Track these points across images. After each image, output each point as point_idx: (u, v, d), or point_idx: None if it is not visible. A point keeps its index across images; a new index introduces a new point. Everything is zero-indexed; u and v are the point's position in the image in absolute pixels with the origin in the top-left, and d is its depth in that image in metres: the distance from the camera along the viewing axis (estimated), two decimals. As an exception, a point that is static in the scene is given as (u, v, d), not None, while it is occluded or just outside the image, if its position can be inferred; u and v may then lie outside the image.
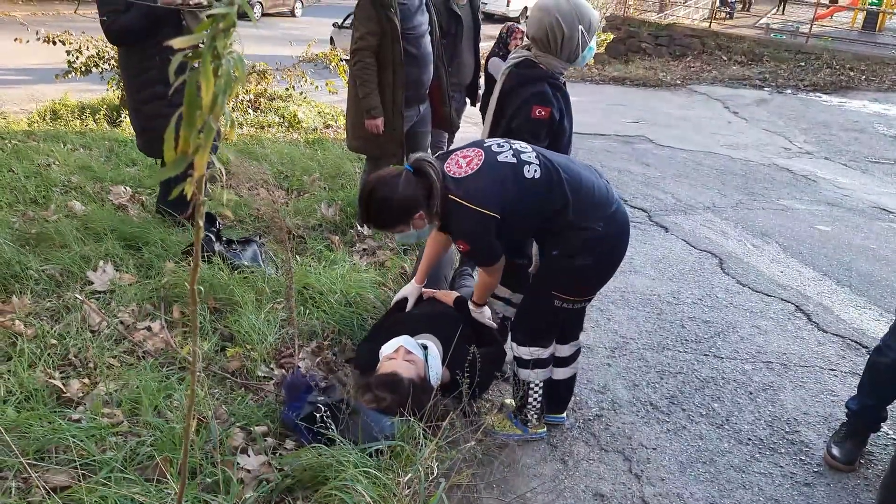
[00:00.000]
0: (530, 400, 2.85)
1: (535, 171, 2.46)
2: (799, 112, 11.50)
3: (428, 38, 4.46)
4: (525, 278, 2.90)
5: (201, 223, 1.12)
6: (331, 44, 14.46)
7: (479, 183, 2.43)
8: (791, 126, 10.39)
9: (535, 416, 2.90)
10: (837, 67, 14.75)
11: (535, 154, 2.52)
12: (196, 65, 1.01)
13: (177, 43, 0.97)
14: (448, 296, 3.23)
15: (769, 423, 3.18)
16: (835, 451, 2.89)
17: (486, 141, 2.62)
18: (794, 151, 8.91)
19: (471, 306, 2.97)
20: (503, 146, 2.54)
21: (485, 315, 3.01)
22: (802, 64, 15.19)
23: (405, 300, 3.23)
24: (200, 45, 1.01)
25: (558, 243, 2.55)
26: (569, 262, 2.54)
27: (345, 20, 15.48)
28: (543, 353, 2.79)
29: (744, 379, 3.53)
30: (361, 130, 4.41)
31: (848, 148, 9.17)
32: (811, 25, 17.18)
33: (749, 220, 6.05)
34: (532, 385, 2.83)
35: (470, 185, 2.43)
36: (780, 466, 2.88)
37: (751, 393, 3.41)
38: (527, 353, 2.78)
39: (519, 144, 2.56)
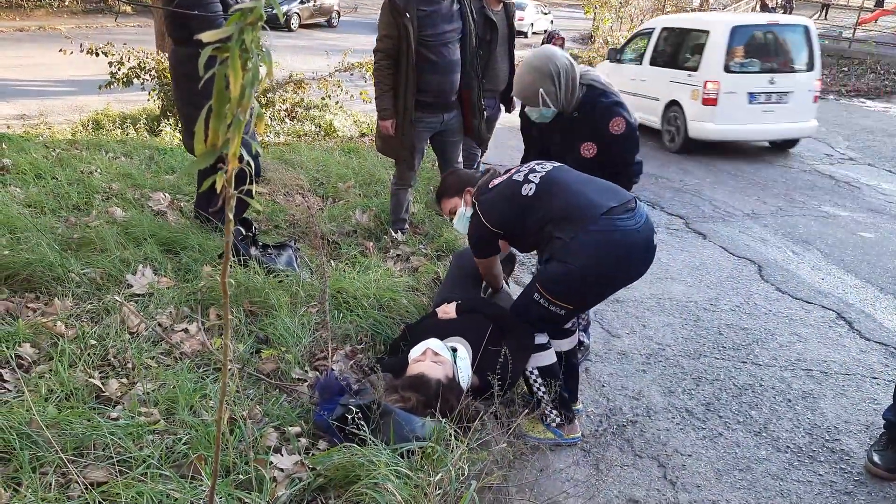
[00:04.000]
0: (535, 390, 2.87)
1: (531, 189, 2.74)
2: (842, 118, 11.29)
3: (454, 47, 4.42)
4: None
5: (231, 216, 1.13)
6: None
7: (492, 197, 2.88)
8: (833, 132, 10.20)
9: (553, 411, 2.88)
10: (882, 72, 14.47)
11: (543, 174, 2.79)
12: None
13: (206, 36, 0.99)
14: (448, 310, 3.22)
15: (808, 430, 3.11)
16: (876, 458, 2.81)
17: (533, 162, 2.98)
18: (836, 158, 8.74)
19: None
20: (529, 166, 2.91)
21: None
22: (845, 69, 14.93)
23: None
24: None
25: (543, 249, 2.80)
26: (549, 265, 2.71)
27: None
28: (535, 337, 2.83)
29: (783, 386, 3.46)
30: (380, 130, 4.54)
31: (892, 154, 8.97)
32: (854, 30, 16.87)
33: (789, 226, 5.95)
34: (527, 372, 2.85)
35: (488, 197, 2.89)
36: (820, 475, 2.82)
37: (790, 401, 3.34)
38: None
39: (542, 165, 2.88)
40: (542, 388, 2.84)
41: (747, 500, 2.66)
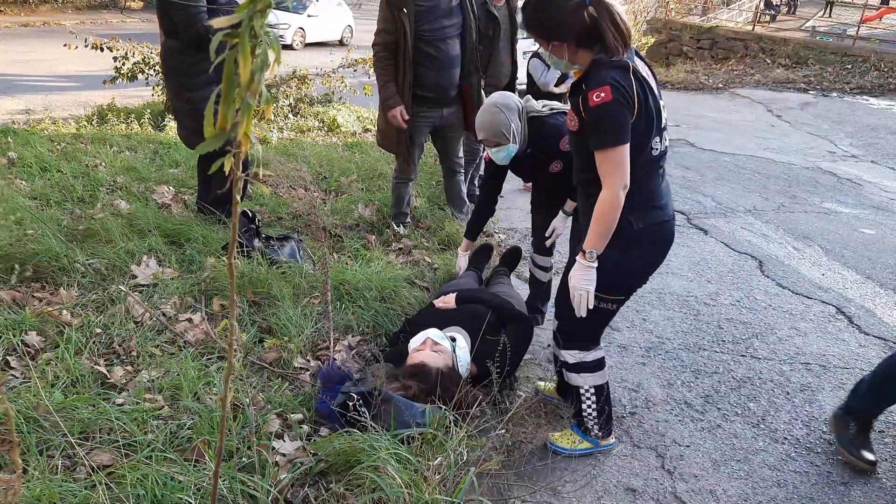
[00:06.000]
0: (584, 407, 2.75)
1: (658, 149, 2.39)
2: (845, 115, 11.27)
3: (454, 42, 4.44)
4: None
5: (238, 198, 1.17)
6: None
7: (639, 92, 2.26)
8: (836, 129, 10.20)
9: (596, 426, 2.78)
10: (885, 70, 14.40)
11: (665, 147, 2.45)
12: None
13: (217, 23, 1.02)
14: (448, 300, 3.26)
15: (806, 423, 3.14)
16: (864, 453, 2.83)
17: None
18: (839, 155, 8.74)
19: (578, 258, 2.42)
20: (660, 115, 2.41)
21: (583, 276, 2.40)
22: (849, 66, 14.86)
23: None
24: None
25: None
26: (612, 251, 2.41)
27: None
28: (586, 356, 2.68)
29: (781, 379, 3.48)
30: (378, 123, 4.61)
31: (895, 151, 8.97)
32: (858, 28, 16.83)
33: (791, 223, 5.96)
34: (582, 391, 2.73)
35: (633, 86, 2.24)
36: (817, 465, 2.85)
37: (788, 393, 3.37)
38: (569, 356, 2.70)
39: (665, 134, 2.45)
40: (593, 406, 2.74)
41: (744, 490, 2.69)
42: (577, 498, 2.57)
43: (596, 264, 2.38)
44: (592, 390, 2.72)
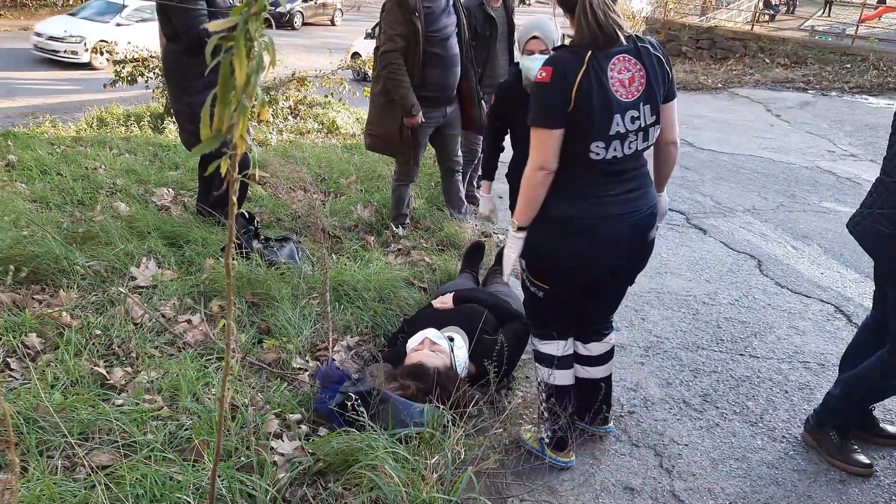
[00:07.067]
0: (540, 399, 2.70)
1: (599, 153, 2.26)
2: (844, 114, 11.28)
3: (454, 40, 4.50)
4: None
5: (234, 199, 1.18)
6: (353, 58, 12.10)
7: (587, 85, 2.17)
8: (835, 129, 10.20)
9: (548, 430, 2.66)
10: (884, 69, 14.41)
11: (619, 156, 2.29)
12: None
13: (213, 26, 1.04)
14: (445, 300, 3.27)
15: (804, 421, 3.14)
16: (858, 457, 2.83)
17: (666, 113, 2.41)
18: (838, 154, 8.74)
19: (510, 229, 2.47)
20: (654, 124, 2.34)
21: (509, 243, 2.46)
22: (848, 66, 14.87)
23: None
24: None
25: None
26: (533, 228, 2.40)
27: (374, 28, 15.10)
28: (539, 345, 2.66)
29: (779, 378, 3.49)
30: (374, 128, 4.59)
31: (894, 150, 8.97)
32: (857, 27, 16.84)
33: (790, 222, 5.96)
34: (539, 381, 2.71)
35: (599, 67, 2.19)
36: (815, 464, 2.85)
37: (786, 392, 3.38)
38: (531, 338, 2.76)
39: (632, 140, 2.30)
40: (544, 404, 2.66)
41: (742, 489, 2.69)
42: (575, 497, 2.58)
43: (519, 235, 2.41)
44: (543, 386, 2.67)
